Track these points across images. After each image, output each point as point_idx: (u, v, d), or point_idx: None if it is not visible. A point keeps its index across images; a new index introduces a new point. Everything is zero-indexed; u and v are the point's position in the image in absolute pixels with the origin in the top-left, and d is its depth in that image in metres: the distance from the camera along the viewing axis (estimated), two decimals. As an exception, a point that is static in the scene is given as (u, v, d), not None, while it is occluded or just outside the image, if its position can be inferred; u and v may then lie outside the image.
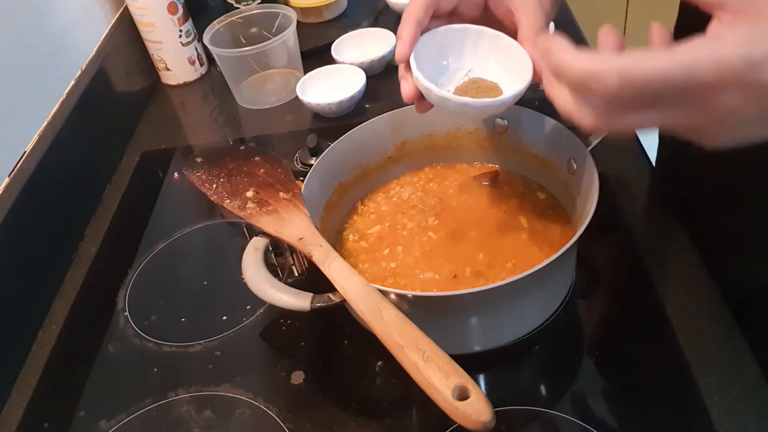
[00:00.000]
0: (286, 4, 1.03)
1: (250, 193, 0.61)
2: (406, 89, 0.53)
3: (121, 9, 0.99)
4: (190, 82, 1.02)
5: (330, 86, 0.89)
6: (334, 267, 0.52)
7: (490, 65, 0.56)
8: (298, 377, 0.58)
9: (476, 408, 0.41)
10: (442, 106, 0.52)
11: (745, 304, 0.58)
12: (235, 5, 1.02)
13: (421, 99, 0.54)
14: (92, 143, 0.84)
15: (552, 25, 0.90)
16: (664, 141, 0.77)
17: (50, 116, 0.78)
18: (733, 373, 0.52)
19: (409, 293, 0.51)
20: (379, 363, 0.57)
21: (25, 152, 0.72)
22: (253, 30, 0.96)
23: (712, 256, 0.60)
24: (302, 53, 0.96)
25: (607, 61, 0.34)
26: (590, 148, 0.58)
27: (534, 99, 0.67)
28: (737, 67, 0.32)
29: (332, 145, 0.65)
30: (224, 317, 0.65)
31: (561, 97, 0.39)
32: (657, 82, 0.33)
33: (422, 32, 0.53)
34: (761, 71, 0.32)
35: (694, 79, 0.33)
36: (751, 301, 0.59)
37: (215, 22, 0.93)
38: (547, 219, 0.63)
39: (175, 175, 0.85)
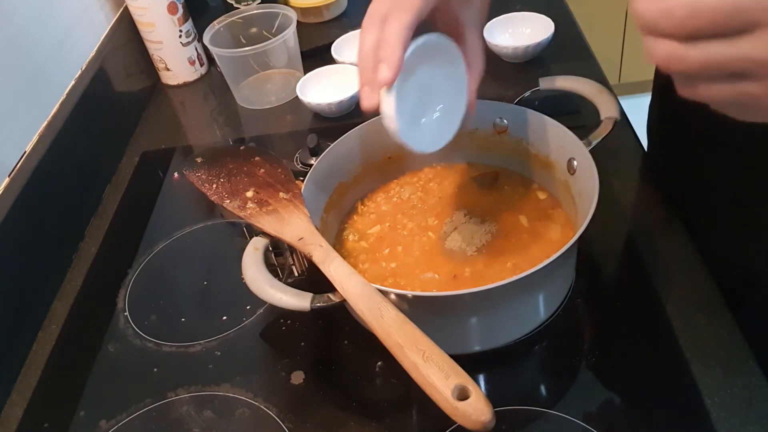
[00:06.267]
0: (286, 4, 1.03)
1: (250, 193, 0.61)
2: (370, 100, 0.47)
3: (121, 9, 0.99)
4: (190, 82, 1.02)
5: (330, 86, 0.89)
6: (334, 267, 0.52)
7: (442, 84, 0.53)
8: (298, 377, 0.58)
9: (476, 408, 0.41)
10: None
11: (740, 296, 0.57)
12: (235, 5, 1.02)
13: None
14: (92, 143, 0.85)
15: (552, 24, 0.89)
16: (653, 133, 0.76)
17: (50, 116, 0.78)
18: (733, 373, 0.52)
19: (409, 293, 0.51)
20: (379, 363, 0.57)
21: (25, 152, 0.72)
22: (253, 30, 0.96)
23: (711, 255, 0.60)
24: (302, 53, 0.96)
25: None
26: (590, 148, 0.58)
27: (534, 99, 0.68)
28: None
29: (332, 145, 0.65)
30: (224, 317, 0.65)
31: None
32: (727, 5, 0.30)
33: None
34: None
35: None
36: (747, 292, 0.59)
37: (215, 22, 0.93)
38: (547, 219, 0.63)
39: (175, 175, 0.85)
